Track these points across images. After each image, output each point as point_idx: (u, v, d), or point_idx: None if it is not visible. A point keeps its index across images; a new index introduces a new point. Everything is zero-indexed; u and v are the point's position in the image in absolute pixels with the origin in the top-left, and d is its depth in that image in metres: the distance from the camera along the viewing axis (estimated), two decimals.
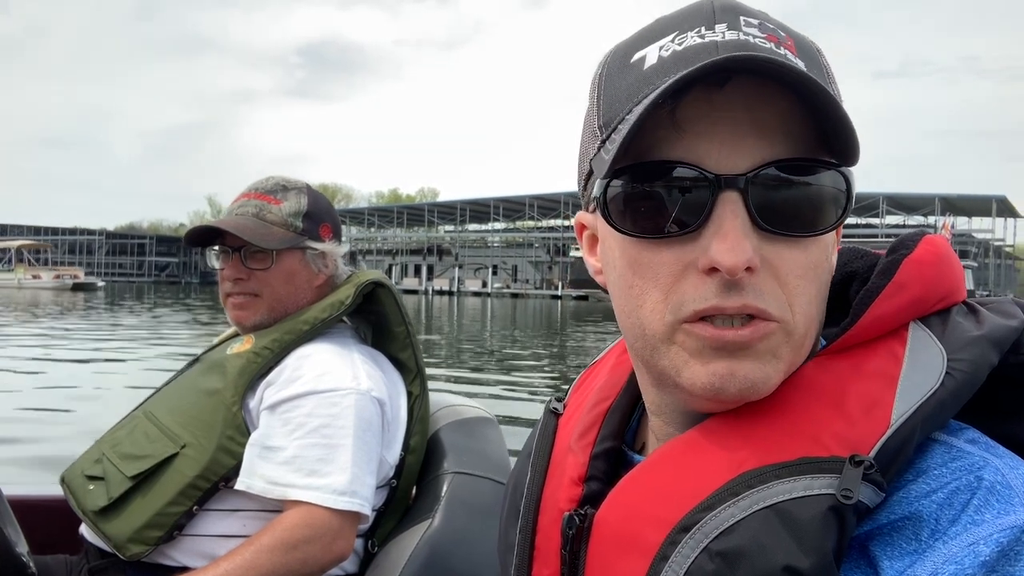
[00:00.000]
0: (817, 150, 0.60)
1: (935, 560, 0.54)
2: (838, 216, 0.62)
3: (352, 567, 1.66)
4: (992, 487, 0.56)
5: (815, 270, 0.62)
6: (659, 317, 0.62)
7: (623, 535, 0.64)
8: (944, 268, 0.66)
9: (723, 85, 0.59)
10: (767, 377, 0.61)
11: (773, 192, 0.59)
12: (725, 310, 0.59)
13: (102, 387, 8.69)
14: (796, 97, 0.58)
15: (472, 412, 1.88)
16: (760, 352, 0.60)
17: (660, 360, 0.64)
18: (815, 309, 0.63)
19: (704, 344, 0.60)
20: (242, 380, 1.64)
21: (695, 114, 0.60)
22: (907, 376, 0.60)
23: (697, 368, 0.61)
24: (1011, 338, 0.64)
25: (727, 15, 0.62)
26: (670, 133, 0.60)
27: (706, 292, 0.59)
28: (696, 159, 0.59)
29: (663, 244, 0.61)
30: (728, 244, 0.58)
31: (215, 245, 1.79)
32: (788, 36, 0.63)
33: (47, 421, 6.77)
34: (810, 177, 0.60)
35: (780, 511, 0.57)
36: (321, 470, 1.54)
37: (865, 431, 0.58)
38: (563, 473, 0.75)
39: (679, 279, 0.61)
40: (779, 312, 0.60)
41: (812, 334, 0.64)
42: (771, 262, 0.60)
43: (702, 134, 0.60)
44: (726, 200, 0.59)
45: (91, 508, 1.61)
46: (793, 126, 0.60)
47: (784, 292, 0.60)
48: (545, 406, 0.86)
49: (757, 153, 0.59)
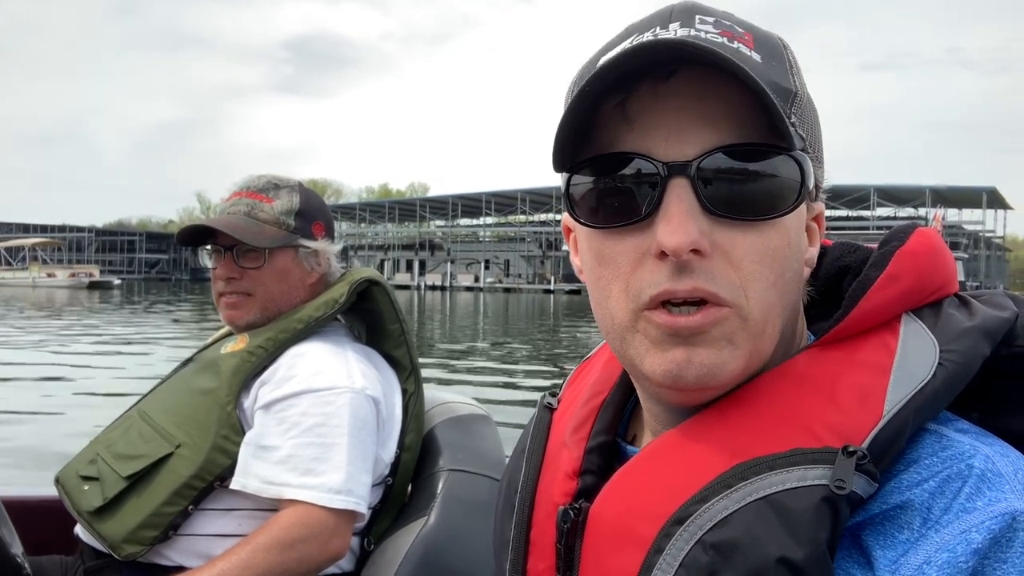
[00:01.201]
0: (769, 137, 0.61)
1: (928, 548, 0.54)
2: (793, 201, 0.62)
3: (348, 565, 1.66)
4: (983, 475, 0.56)
5: (773, 256, 0.62)
6: (623, 306, 0.64)
7: (617, 528, 0.65)
8: (936, 260, 0.67)
9: (669, 78, 0.62)
10: (723, 363, 0.62)
11: (722, 177, 0.61)
12: (676, 293, 0.61)
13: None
14: (743, 86, 0.59)
15: (467, 409, 1.88)
16: (714, 338, 0.62)
17: (627, 350, 0.65)
18: (774, 295, 0.63)
19: (661, 332, 0.62)
20: (236, 379, 1.64)
21: (643, 107, 0.63)
22: (900, 367, 0.61)
23: (656, 356, 0.63)
24: (1003, 329, 0.64)
25: (683, 15, 0.65)
26: (621, 127, 0.64)
27: (659, 277, 0.61)
28: (645, 149, 0.62)
29: (623, 234, 0.64)
30: (672, 227, 0.60)
31: (207, 244, 1.78)
32: (746, 32, 0.65)
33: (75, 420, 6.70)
34: (760, 162, 0.62)
35: (773, 502, 0.57)
36: (316, 469, 1.54)
37: (858, 422, 0.59)
38: (558, 467, 0.76)
39: (637, 267, 0.63)
40: (731, 296, 0.61)
41: (774, 322, 0.64)
42: (723, 247, 0.61)
43: (650, 125, 0.62)
44: (674, 186, 0.61)
45: (86, 508, 1.61)
46: (742, 114, 0.61)
47: (738, 277, 0.61)
48: (539, 401, 0.86)
49: (704, 140, 0.61)
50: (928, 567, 0.53)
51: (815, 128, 0.68)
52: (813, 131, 0.67)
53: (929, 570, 0.53)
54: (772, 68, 0.64)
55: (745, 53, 0.63)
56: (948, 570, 0.53)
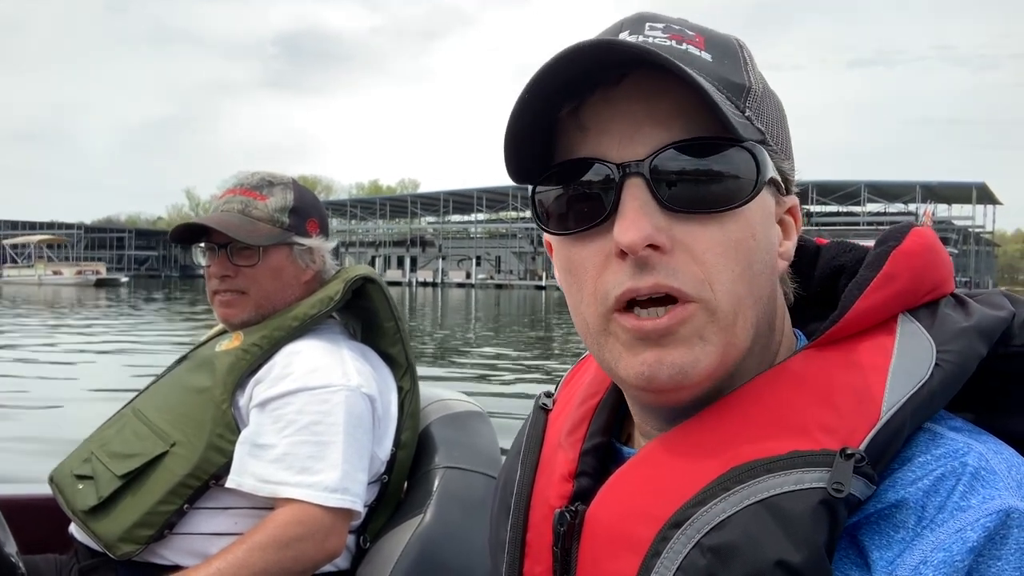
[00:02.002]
0: (720, 132, 0.62)
1: (923, 548, 0.54)
2: (750, 192, 0.63)
3: (344, 563, 1.66)
4: (976, 472, 0.57)
5: (736, 247, 0.63)
6: (593, 310, 0.65)
7: (615, 531, 0.64)
8: (932, 260, 0.67)
9: (619, 83, 0.63)
10: (696, 361, 0.62)
11: (676, 173, 0.62)
12: (639, 291, 0.62)
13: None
14: (690, 86, 0.60)
15: (462, 406, 1.88)
16: (684, 337, 0.62)
17: (603, 353, 0.66)
18: (742, 287, 0.63)
19: (631, 335, 0.63)
20: (231, 377, 1.63)
21: (595, 113, 0.64)
22: (897, 368, 0.61)
23: (629, 359, 0.64)
24: (999, 329, 0.64)
25: (633, 24, 0.67)
26: (576, 134, 0.65)
27: (622, 276, 0.63)
28: (600, 153, 0.64)
29: (586, 239, 0.65)
30: (626, 224, 0.61)
31: (201, 242, 1.77)
32: (697, 34, 0.66)
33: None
34: (713, 156, 0.63)
35: (771, 505, 0.57)
36: (312, 467, 1.54)
37: (855, 423, 0.59)
38: (553, 470, 0.75)
39: (602, 270, 0.64)
40: (695, 291, 0.62)
41: (746, 314, 0.64)
42: (684, 241, 0.62)
43: (603, 130, 0.64)
44: (629, 186, 0.62)
45: (81, 507, 1.60)
46: (693, 112, 0.62)
47: (702, 271, 0.62)
48: (534, 402, 0.86)
49: (656, 139, 0.62)
50: (924, 567, 0.54)
51: (778, 122, 0.68)
52: (775, 125, 0.67)
53: (926, 570, 0.54)
54: (723, 66, 0.65)
55: (694, 53, 0.64)
56: (944, 569, 0.53)
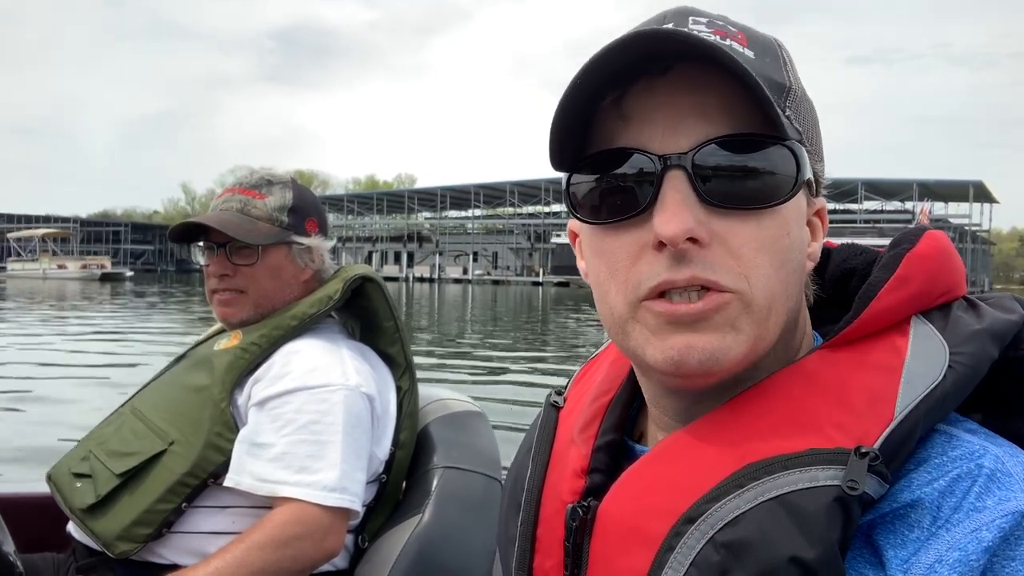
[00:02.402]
0: (764, 129, 0.62)
1: (939, 547, 0.55)
2: (789, 191, 0.63)
3: (343, 563, 1.66)
4: (992, 474, 0.57)
5: (773, 244, 0.63)
6: (622, 299, 0.65)
7: (627, 527, 0.65)
8: (946, 263, 0.67)
9: (664, 73, 0.63)
10: (727, 348, 0.62)
11: (718, 168, 0.62)
12: (676, 283, 0.62)
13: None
14: (736, 80, 0.60)
15: (461, 406, 1.88)
16: (718, 323, 0.62)
17: (628, 341, 0.66)
18: (777, 283, 0.64)
19: (661, 320, 0.63)
20: (230, 376, 1.63)
21: (638, 103, 0.64)
22: (910, 369, 0.61)
23: (657, 344, 0.63)
24: (1011, 332, 0.65)
25: (677, 17, 0.66)
26: (618, 124, 0.65)
27: (658, 268, 0.62)
28: (642, 144, 0.63)
29: (621, 229, 0.65)
30: (667, 215, 0.61)
31: (200, 241, 1.77)
32: (739, 31, 0.66)
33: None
34: (755, 153, 0.63)
35: (785, 502, 0.57)
36: (311, 466, 1.54)
37: (870, 423, 0.59)
38: (565, 466, 0.76)
39: (636, 260, 0.64)
40: (733, 283, 0.62)
41: (778, 310, 0.64)
42: (722, 236, 0.62)
43: (646, 120, 0.64)
44: (670, 178, 0.62)
45: (79, 506, 1.60)
46: (737, 107, 0.63)
47: (739, 265, 0.62)
48: (545, 400, 0.86)
49: (699, 132, 0.62)
50: (940, 566, 0.54)
51: (812, 124, 0.69)
52: (810, 127, 0.68)
53: (941, 568, 0.54)
54: (765, 64, 0.65)
55: (738, 49, 0.64)
56: (960, 568, 0.54)
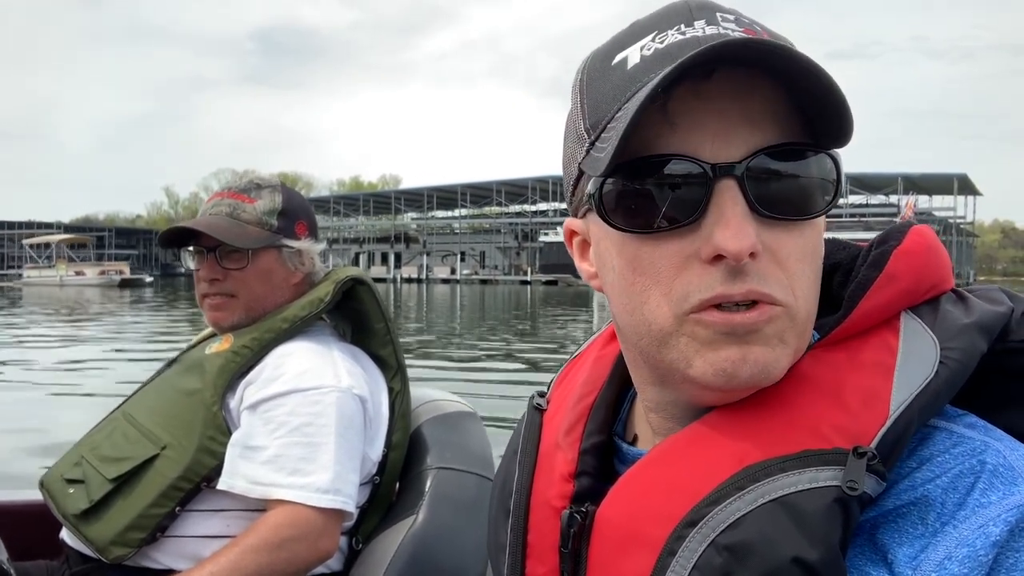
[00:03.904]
0: (804, 136, 0.62)
1: (947, 544, 0.55)
2: (830, 199, 0.63)
3: (337, 565, 1.66)
4: (995, 469, 0.58)
5: (812, 254, 0.63)
6: (665, 311, 0.63)
7: (627, 531, 0.64)
8: (933, 258, 0.68)
9: (709, 77, 0.61)
10: (776, 360, 0.62)
11: (767, 178, 0.61)
12: (732, 297, 0.60)
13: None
14: (779, 84, 0.60)
15: (453, 407, 1.89)
16: (768, 336, 0.61)
17: (668, 354, 0.64)
18: (813, 293, 0.64)
19: (715, 331, 0.61)
20: (221, 380, 1.63)
21: (685, 108, 0.61)
22: (902, 366, 0.62)
23: (709, 356, 0.62)
24: (999, 324, 0.65)
25: (704, 12, 0.64)
26: (663, 128, 0.61)
27: (711, 281, 0.60)
28: (691, 151, 0.61)
29: (662, 238, 0.62)
30: (732, 231, 0.59)
31: (189, 246, 1.77)
32: (763, 31, 0.65)
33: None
34: (800, 162, 0.62)
35: (786, 504, 0.58)
36: (304, 469, 1.54)
37: (865, 422, 0.59)
38: (552, 470, 0.75)
39: (681, 271, 0.62)
40: (783, 296, 0.61)
41: (813, 319, 0.65)
42: (771, 247, 0.61)
43: (694, 127, 0.61)
44: (724, 188, 0.60)
45: (72, 512, 1.60)
46: (780, 114, 0.61)
47: (786, 276, 0.62)
48: (528, 402, 0.85)
49: (749, 141, 0.61)
50: (949, 562, 0.55)
51: None
52: None
53: (951, 565, 0.55)
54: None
55: (805, 57, 0.61)
56: (969, 563, 0.54)
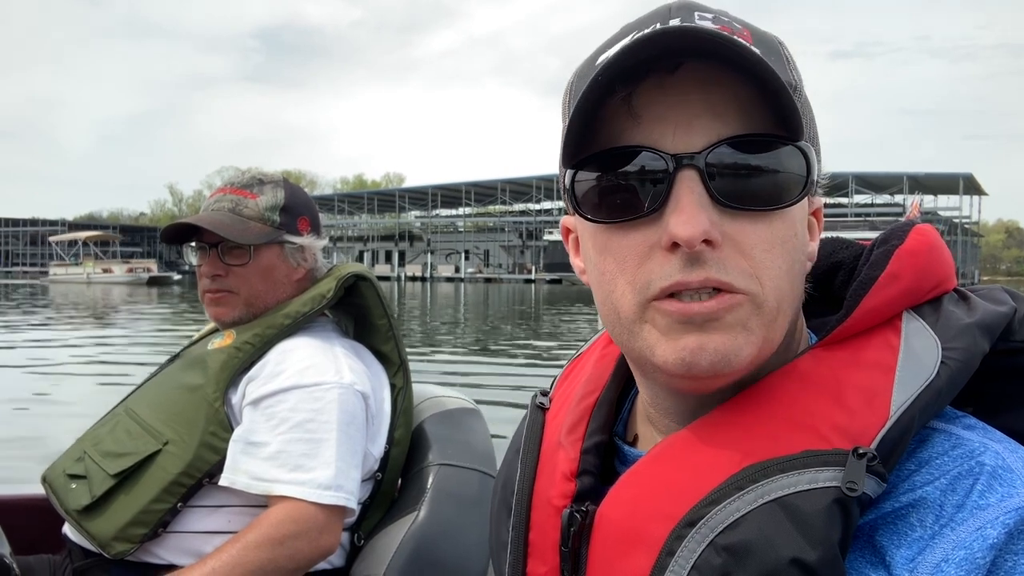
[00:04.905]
0: (775, 128, 0.62)
1: (944, 546, 0.55)
2: (800, 192, 0.63)
3: (339, 561, 1.66)
4: (994, 471, 0.57)
5: (783, 245, 0.63)
6: (629, 299, 0.64)
7: (627, 531, 0.64)
8: (935, 257, 0.68)
9: (674, 71, 0.62)
10: (738, 349, 0.62)
11: (730, 169, 0.61)
12: (689, 284, 0.61)
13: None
14: (748, 78, 0.60)
15: (456, 403, 1.89)
16: (729, 324, 0.61)
17: (635, 342, 0.65)
18: (786, 284, 0.63)
19: (672, 320, 0.62)
20: (224, 375, 1.64)
21: (648, 100, 0.62)
22: (904, 366, 0.62)
23: (670, 344, 0.62)
24: (1002, 324, 0.65)
25: (682, 11, 0.65)
26: (627, 121, 0.63)
27: (670, 269, 0.61)
28: (652, 142, 0.62)
29: (630, 227, 0.63)
30: (684, 217, 0.60)
31: (192, 241, 1.77)
32: (744, 28, 0.66)
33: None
34: (767, 153, 0.62)
35: (786, 504, 0.58)
36: (306, 465, 1.54)
37: (866, 422, 0.59)
38: (554, 469, 0.75)
39: (645, 260, 0.63)
40: (745, 284, 0.61)
41: (786, 310, 0.64)
42: (734, 237, 0.61)
43: (657, 118, 0.62)
44: (683, 178, 0.61)
45: (74, 507, 1.60)
46: (748, 106, 0.62)
47: (750, 265, 0.62)
48: (531, 401, 0.86)
49: (711, 132, 0.61)
50: (946, 564, 0.54)
51: (813, 123, 0.68)
52: (812, 126, 0.68)
53: (948, 568, 0.54)
54: (772, 61, 0.64)
55: (745, 46, 0.63)
56: (966, 566, 0.54)
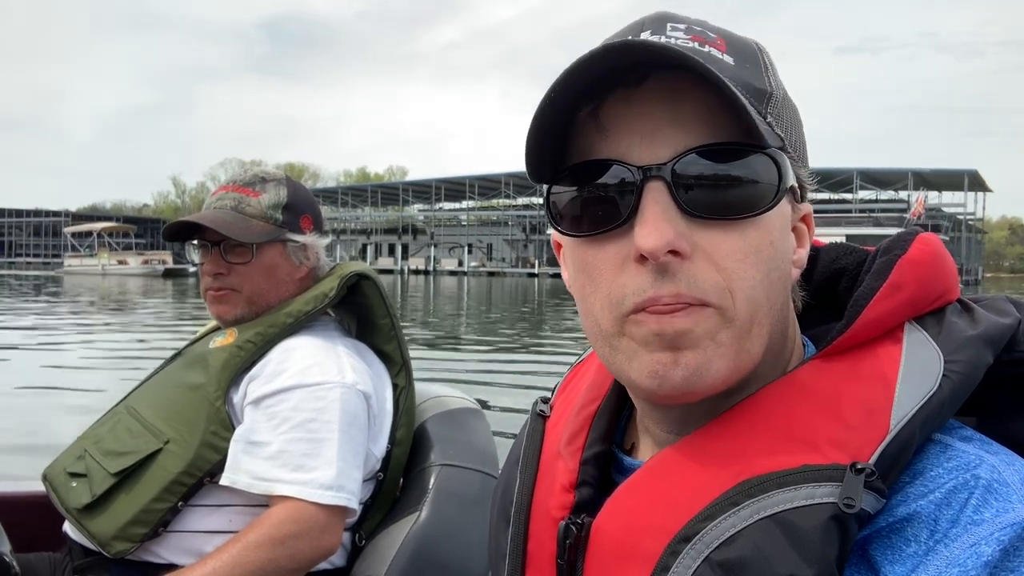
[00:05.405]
0: (743, 137, 0.61)
1: (938, 564, 0.54)
2: (772, 199, 0.62)
3: (340, 561, 1.66)
4: (989, 485, 0.56)
5: (757, 254, 0.62)
6: (607, 314, 0.64)
7: (622, 545, 0.64)
8: (938, 267, 0.66)
9: (640, 83, 0.62)
10: (708, 362, 0.61)
11: (699, 178, 0.61)
12: (660, 299, 0.60)
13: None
14: (714, 88, 0.59)
15: (458, 403, 1.88)
16: (699, 337, 0.61)
17: (615, 356, 0.65)
18: (762, 294, 0.62)
19: (647, 332, 0.61)
20: (225, 374, 1.63)
21: (615, 113, 0.63)
22: (905, 379, 0.60)
23: (644, 358, 0.62)
24: (1006, 336, 0.64)
25: (655, 24, 0.65)
26: (595, 136, 0.64)
27: (643, 283, 0.61)
28: (620, 155, 0.62)
29: (604, 240, 0.64)
30: (647, 228, 0.60)
31: (194, 239, 1.77)
32: (719, 37, 0.65)
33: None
34: (737, 162, 0.62)
35: (781, 520, 0.57)
36: (307, 464, 1.54)
37: (865, 437, 0.58)
38: (553, 479, 0.75)
39: (619, 273, 0.63)
40: (717, 298, 0.61)
41: (762, 322, 0.63)
42: (704, 248, 0.61)
43: (624, 131, 0.63)
44: (650, 190, 0.61)
45: (74, 505, 1.60)
46: (715, 116, 0.61)
47: (722, 277, 0.61)
48: (532, 409, 0.85)
49: (677, 142, 0.61)
50: None
51: (795, 128, 0.67)
52: (793, 131, 0.67)
53: None
54: (745, 70, 0.64)
55: (716, 56, 0.63)
56: None
